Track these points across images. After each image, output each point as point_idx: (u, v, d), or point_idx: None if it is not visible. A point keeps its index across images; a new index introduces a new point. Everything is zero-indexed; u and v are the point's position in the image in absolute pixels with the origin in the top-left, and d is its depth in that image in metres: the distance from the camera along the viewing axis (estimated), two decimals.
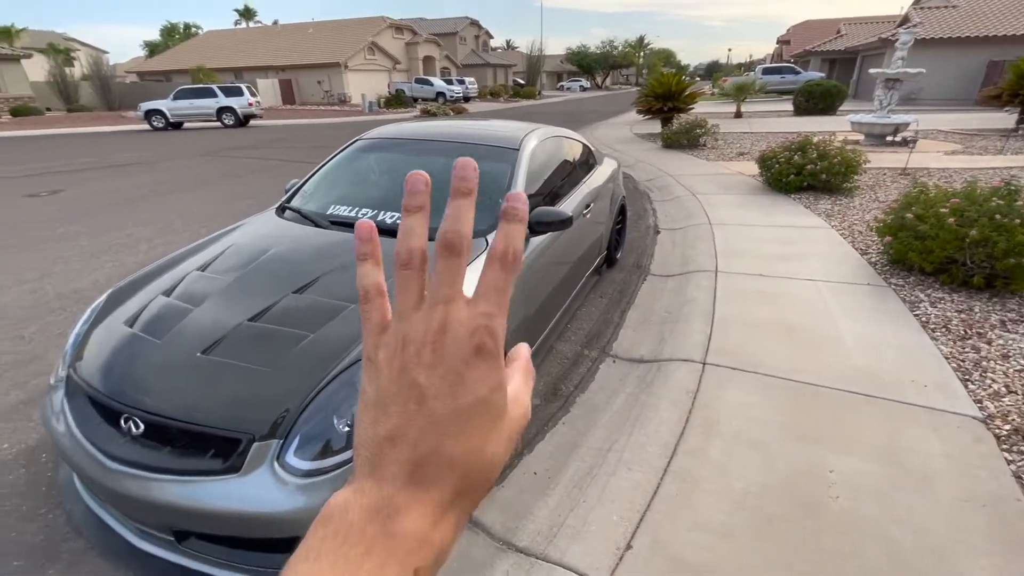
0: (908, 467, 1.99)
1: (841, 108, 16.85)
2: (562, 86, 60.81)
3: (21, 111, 24.89)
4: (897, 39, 9.67)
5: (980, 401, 2.38)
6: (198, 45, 41.21)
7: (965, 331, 3.00)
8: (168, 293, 2.09)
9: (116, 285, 2.29)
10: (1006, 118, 12.39)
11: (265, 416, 1.53)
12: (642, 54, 70.85)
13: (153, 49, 53.17)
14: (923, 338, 2.95)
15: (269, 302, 1.93)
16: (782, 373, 2.65)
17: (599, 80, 67.45)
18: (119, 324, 1.97)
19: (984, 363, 2.68)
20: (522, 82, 50.06)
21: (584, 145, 4.03)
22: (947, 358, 2.74)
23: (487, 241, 2.32)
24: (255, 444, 1.50)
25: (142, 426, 1.61)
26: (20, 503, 2.05)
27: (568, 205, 3.10)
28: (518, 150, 2.82)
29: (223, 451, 1.53)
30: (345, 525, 0.25)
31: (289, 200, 2.96)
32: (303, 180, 3.11)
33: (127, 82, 34.13)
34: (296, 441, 1.51)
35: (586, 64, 64.21)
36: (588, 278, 3.71)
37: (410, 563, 0.25)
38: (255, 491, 1.47)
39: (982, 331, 2.99)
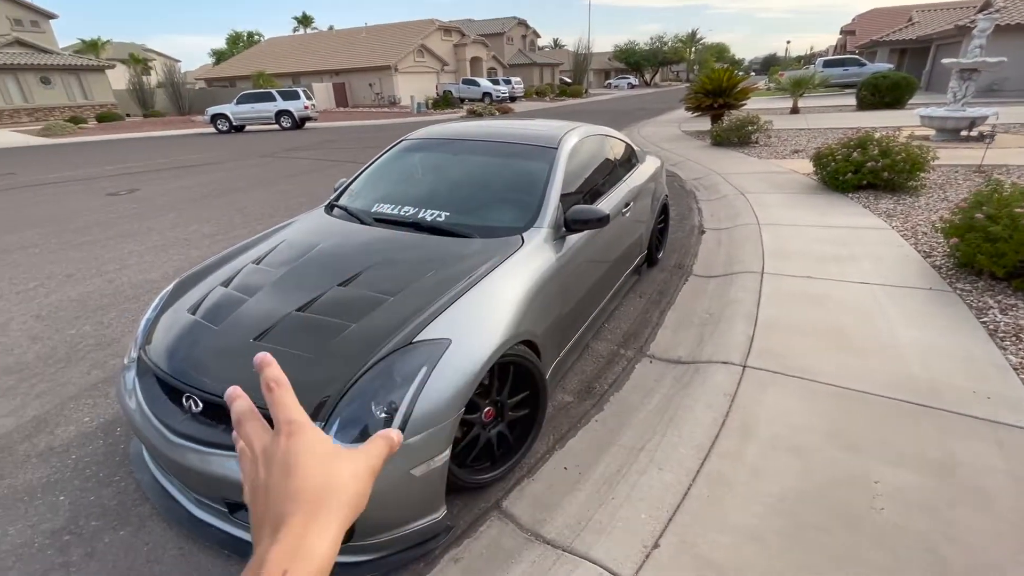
0: (965, 483, 1.87)
1: (911, 101, 15.74)
2: (609, 84, 59.96)
3: (106, 117, 27.16)
4: (976, 26, 8.95)
5: None
6: (259, 52, 43.54)
7: None
8: (226, 284, 2.25)
9: (181, 276, 2.49)
10: None
11: (308, 400, 1.63)
12: (693, 49, 68.77)
13: (220, 57, 56.58)
14: (990, 347, 2.75)
15: (316, 293, 2.05)
16: (828, 379, 2.54)
17: (648, 77, 66.03)
18: (183, 311, 2.14)
19: None
20: (569, 80, 49.74)
21: (625, 143, 4.00)
22: (1016, 369, 2.54)
23: (523, 239, 2.36)
24: None
25: (201, 405, 1.76)
26: (98, 470, 2.27)
27: (607, 204, 3.09)
28: (556, 149, 2.84)
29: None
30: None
31: (337, 198, 3.11)
32: (351, 179, 3.26)
33: (196, 88, 36.52)
34: (336, 424, 1.60)
35: (634, 61, 63.02)
36: (627, 277, 3.68)
37: (283, 566, 0.33)
38: None
39: None
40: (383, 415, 1.61)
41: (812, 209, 5.59)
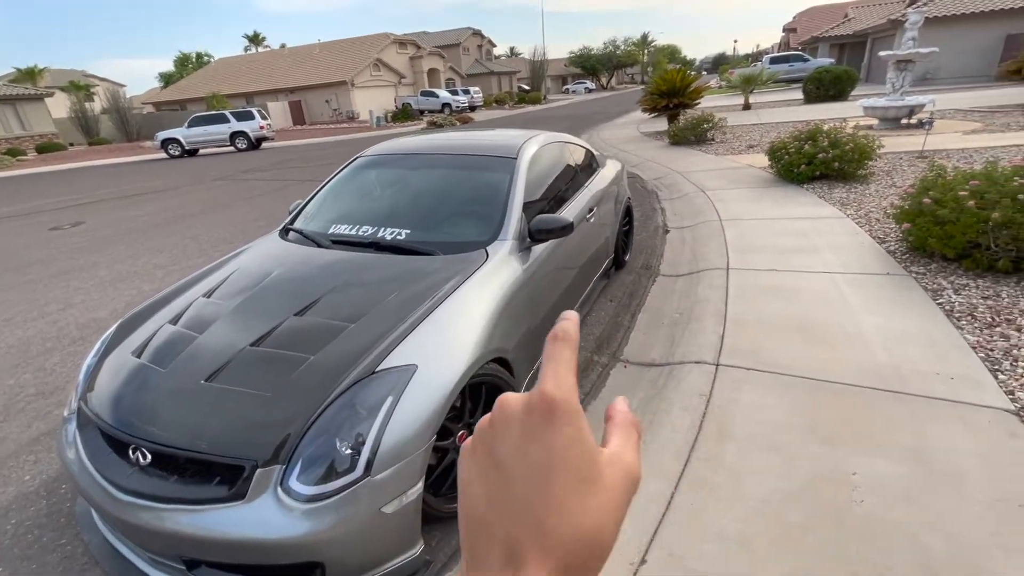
0: (938, 467, 1.90)
1: (853, 93, 16.50)
2: (567, 89, 60.82)
3: (46, 148, 25.85)
4: (907, 19, 9.44)
5: (1012, 392, 2.26)
6: (210, 73, 42.38)
7: (992, 318, 2.87)
8: (175, 321, 2.11)
9: (126, 315, 2.33)
10: None
11: (267, 441, 1.53)
12: (646, 51, 70.48)
13: (168, 80, 54.77)
14: (948, 328, 2.84)
15: (271, 325, 1.94)
16: (800, 372, 2.57)
17: (604, 81, 67.29)
18: (127, 354, 1.99)
19: (1014, 351, 2.55)
20: (527, 88, 50.21)
21: (585, 149, 4.00)
22: (974, 348, 2.62)
23: (487, 253, 2.30)
24: (258, 470, 1.49)
25: (149, 456, 1.62)
26: (41, 534, 2.08)
27: (570, 211, 3.06)
28: (516, 158, 2.80)
29: (228, 478, 1.53)
30: None
31: (292, 221, 2.99)
32: (305, 201, 3.14)
33: (144, 113, 35.20)
34: (299, 465, 1.50)
35: (590, 65, 64.14)
36: (596, 282, 3.67)
37: None
38: (260, 517, 1.46)
39: (1011, 317, 2.86)
40: (348, 451, 1.52)
41: (771, 202, 5.73)
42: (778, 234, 4.64)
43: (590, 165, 3.94)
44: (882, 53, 9.93)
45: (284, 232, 2.91)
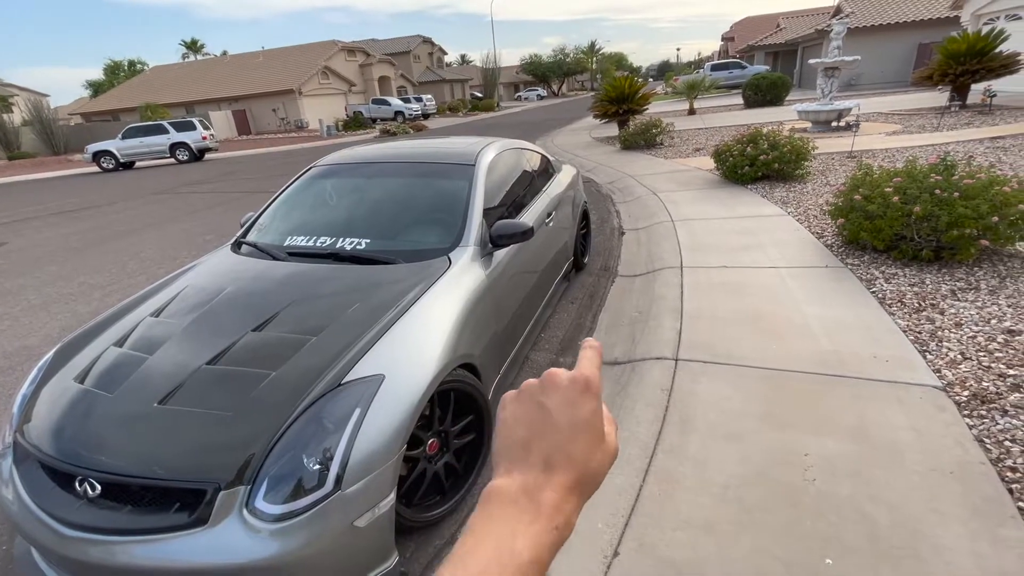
0: (878, 443, 2.05)
1: (788, 98, 17.52)
2: (519, 96, 61.49)
3: None
4: (832, 30, 10.13)
5: (939, 370, 2.47)
6: (145, 81, 40.21)
7: (919, 303, 3.12)
8: (120, 343, 2.00)
9: (64, 340, 2.18)
10: (938, 96, 13.10)
11: (229, 462, 1.47)
12: (594, 59, 72.32)
13: (97, 89, 51.62)
14: (881, 314, 3.06)
15: (228, 343, 1.87)
16: (753, 362, 2.70)
17: (555, 88, 68.51)
18: (68, 381, 1.87)
19: (939, 333, 2.79)
20: (480, 95, 50.43)
21: (541, 155, 4.07)
22: (905, 331, 2.84)
23: (449, 259, 2.30)
24: (221, 493, 1.44)
25: (98, 487, 1.53)
26: None
27: (529, 216, 3.11)
28: (474, 165, 2.83)
29: (188, 504, 1.47)
30: (506, 498, 0.36)
31: (245, 234, 2.89)
32: (258, 213, 3.05)
33: (71, 124, 32.96)
34: (264, 485, 1.46)
35: (541, 73, 65.13)
36: (557, 285, 3.73)
37: (552, 522, 0.35)
38: (226, 542, 1.41)
39: (934, 302, 3.12)
40: (317, 466, 1.48)
41: (718, 202, 6.00)
42: (727, 233, 4.86)
43: (547, 170, 4.02)
44: (811, 61, 10.61)
45: (236, 246, 2.81)
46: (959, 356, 2.56)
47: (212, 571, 1.40)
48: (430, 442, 1.90)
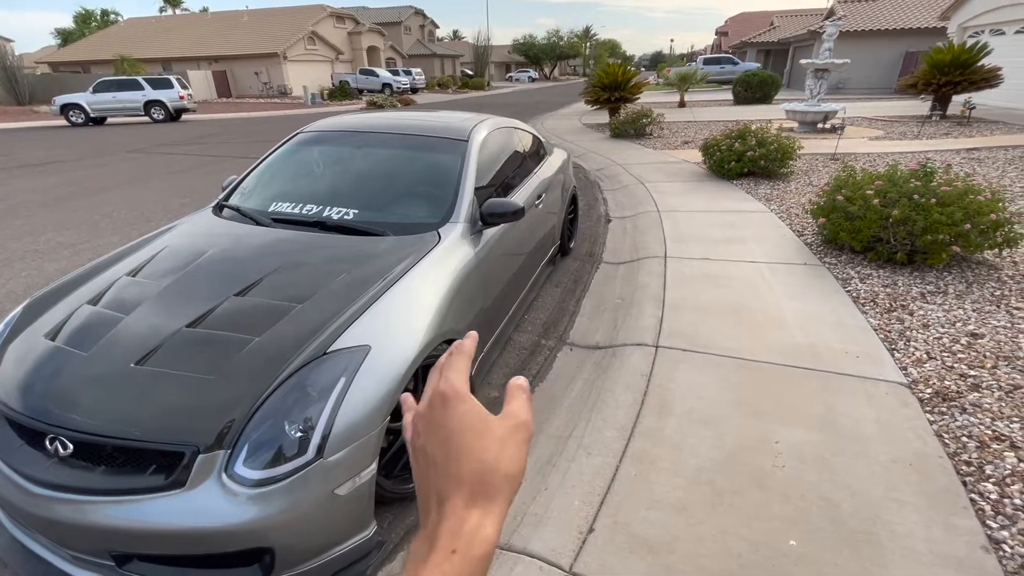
0: (844, 433, 2.13)
1: (776, 97, 17.68)
2: (511, 77, 60.67)
3: None
4: (824, 31, 10.21)
5: (905, 368, 2.57)
6: (119, 34, 38.28)
7: (891, 304, 3.23)
8: (95, 302, 1.94)
9: (34, 295, 2.10)
10: (921, 105, 13.40)
11: (209, 426, 1.45)
12: (588, 45, 71.57)
13: (67, 37, 48.95)
14: (855, 312, 3.16)
15: (209, 306, 1.83)
16: (730, 352, 2.77)
17: (547, 71, 67.71)
18: (39, 337, 1.81)
19: (908, 333, 2.90)
20: (471, 73, 49.54)
21: (534, 136, 4.04)
22: (876, 330, 2.94)
23: (439, 235, 2.28)
24: (200, 456, 1.42)
25: (70, 446, 1.49)
26: None
27: (520, 196, 3.10)
28: (467, 141, 2.79)
29: (165, 466, 1.45)
30: (413, 556, 0.36)
31: (227, 197, 2.81)
32: (242, 176, 2.96)
33: (38, 74, 31.23)
34: (244, 450, 1.44)
35: (534, 54, 64.24)
36: (543, 268, 3.74)
37: (447, 550, 0.34)
38: (203, 505, 1.40)
39: (905, 303, 3.23)
40: (298, 434, 1.48)
41: (704, 196, 6.07)
42: (711, 226, 4.93)
43: (538, 152, 3.99)
44: (802, 61, 10.71)
45: (218, 208, 2.73)
46: (925, 355, 2.67)
47: (188, 534, 1.39)
48: None
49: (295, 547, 1.49)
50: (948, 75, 10.80)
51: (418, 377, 1.88)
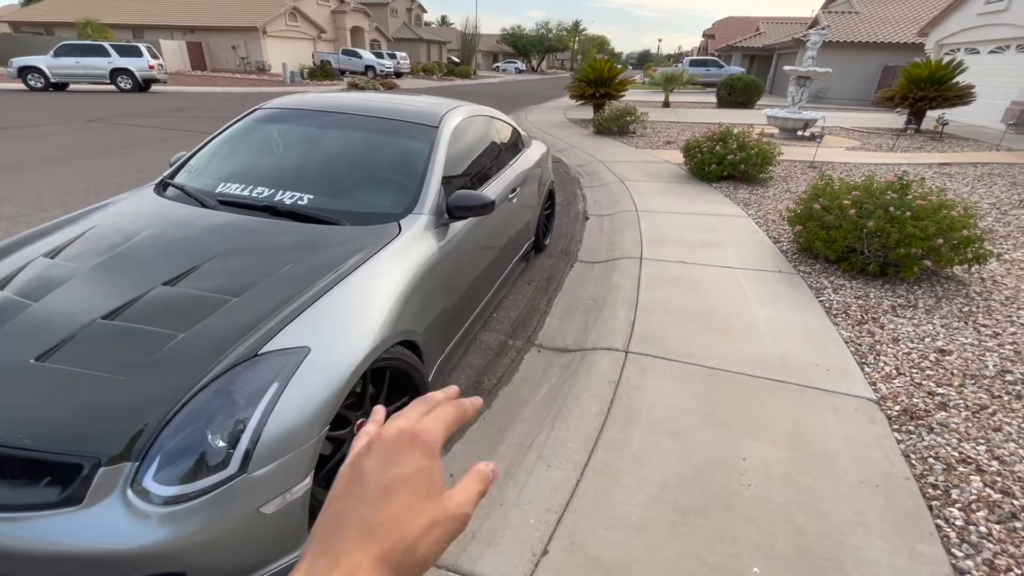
0: (813, 451, 2.07)
1: (759, 102, 17.86)
2: (497, 67, 60.04)
3: None
4: (808, 39, 10.28)
5: (874, 383, 2.53)
6: None
7: (862, 316, 3.20)
8: (1, 285, 1.72)
9: None
10: (896, 118, 13.69)
11: (115, 433, 1.28)
12: (577, 39, 71.25)
13: None
14: (827, 323, 3.12)
15: (132, 295, 1.64)
16: (700, 360, 2.69)
17: (534, 63, 67.24)
18: None
19: (878, 347, 2.87)
20: (457, 60, 48.81)
21: (512, 126, 3.89)
22: (847, 342, 2.91)
23: (400, 226, 2.12)
24: (101, 469, 1.24)
25: None
26: None
27: (492, 189, 2.95)
28: (437, 127, 2.62)
29: (61, 479, 1.26)
30: None
31: (173, 175, 2.59)
32: (191, 152, 2.74)
33: None
34: (156, 463, 1.27)
35: (521, 46, 63.70)
36: (515, 265, 3.60)
37: None
38: (103, 524, 1.22)
39: (876, 316, 3.21)
40: (221, 444, 1.31)
41: (683, 197, 6.01)
42: (688, 228, 4.87)
43: (515, 144, 3.84)
44: (786, 67, 10.77)
45: (162, 187, 2.51)
46: (894, 371, 2.63)
47: (83, 557, 1.22)
48: (359, 422, 1.76)
49: (213, 570, 1.33)
50: (924, 90, 11.02)
51: (366, 380, 1.73)
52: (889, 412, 2.32)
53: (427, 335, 2.07)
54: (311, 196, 2.25)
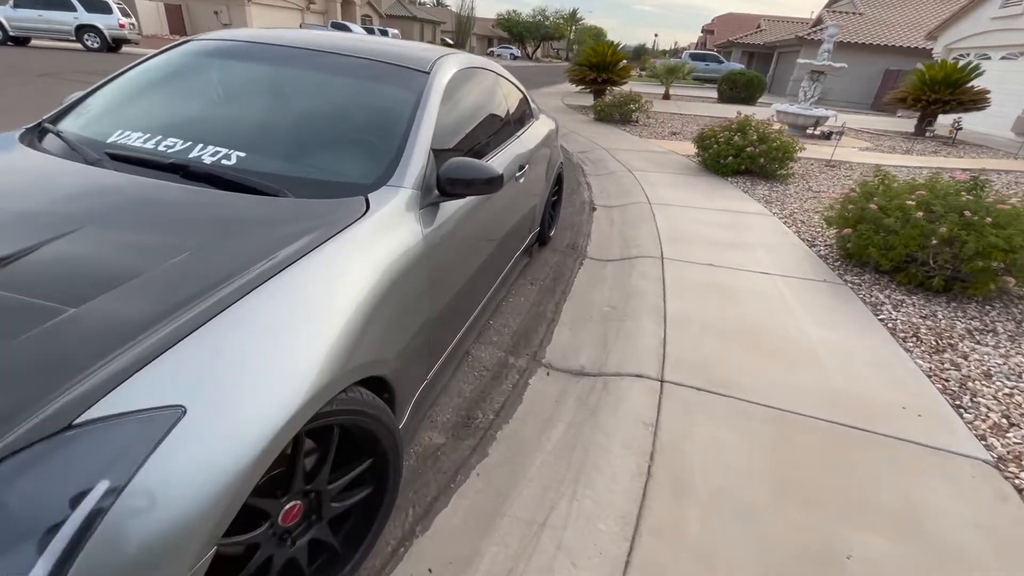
0: (937, 543, 1.48)
1: (760, 100, 17.36)
2: (492, 52, 58.62)
3: None
4: (826, 30, 9.74)
5: (983, 437, 1.96)
6: None
7: (937, 342, 2.64)
8: None
9: None
10: (901, 122, 13.30)
11: None
12: (573, 28, 69.97)
13: None
14: (896, 349, 2.55)
15: None
16: (756, 397, 2.09)
17: (530, 50, 65.94)
18: None
19: (969, 383, 2.30)
20: (451, 42, 47.44)
21: (520, 91, 3.21)
22: (928, 376, 2.34)
23: (367, 202, 1.45)
24: None
25: None
26: None
27: (498, 163, 2.29)
28: (428, 74, 1.94)
29: None
30: None
31: (56, 119, 1.87)
32: (88, 90, 2.02)
33: None
34: None
35: (517, 31, 62.34)
36: (517, 260, 2.96)
37: None
38: None
39: (952, 342, 2.65)
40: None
41: (697, 191, 5.41)
42: (709, 225, 4.27)
43: (524, 113, 3.17)
44: (800, 60, 10.23)
45: (37, 133, 1.79)
46: (1003, 420, 2.07)
47: None
48: (288, 506, 1.10)
49: None
50: (938, 93, 10.58)
51: (300, 442, 1.08)
52: (1017, 483, 1.74)
53: (401, 361, 1.42)
54: (242, 154, 1.56)
